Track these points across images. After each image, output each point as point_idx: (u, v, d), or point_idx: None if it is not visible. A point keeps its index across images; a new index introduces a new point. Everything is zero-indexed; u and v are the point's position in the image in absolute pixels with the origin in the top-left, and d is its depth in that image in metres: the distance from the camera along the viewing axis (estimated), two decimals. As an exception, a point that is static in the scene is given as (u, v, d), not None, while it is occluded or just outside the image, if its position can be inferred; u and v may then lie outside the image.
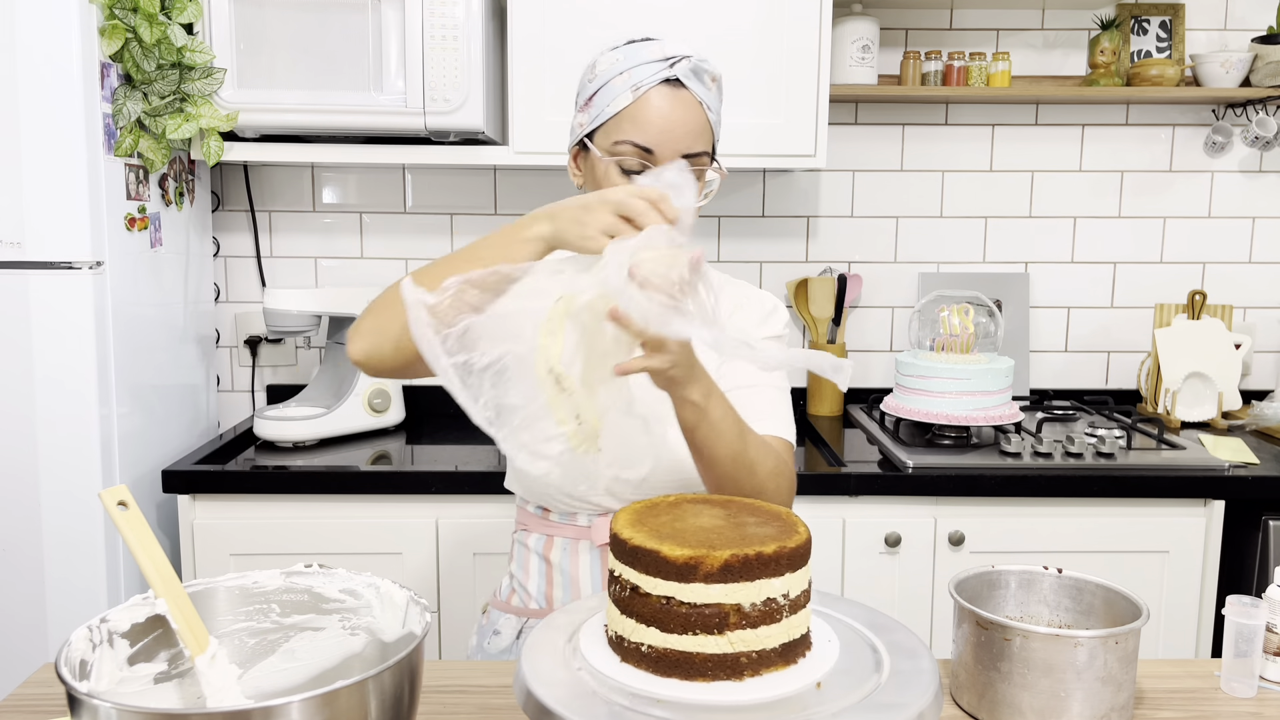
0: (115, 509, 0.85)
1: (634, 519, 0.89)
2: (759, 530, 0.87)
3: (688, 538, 0.84)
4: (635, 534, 0.85)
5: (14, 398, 1.83)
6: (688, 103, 1.15)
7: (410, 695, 0.82)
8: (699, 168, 1.17)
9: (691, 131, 1.15)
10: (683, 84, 1.15)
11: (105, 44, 1.83)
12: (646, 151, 1.15)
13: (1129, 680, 1.00)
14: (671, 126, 1.14)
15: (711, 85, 1.18)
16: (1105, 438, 2.07)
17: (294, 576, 0.97)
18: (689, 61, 1.16)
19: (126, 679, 0.87)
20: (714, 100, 1.18)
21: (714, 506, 0.94)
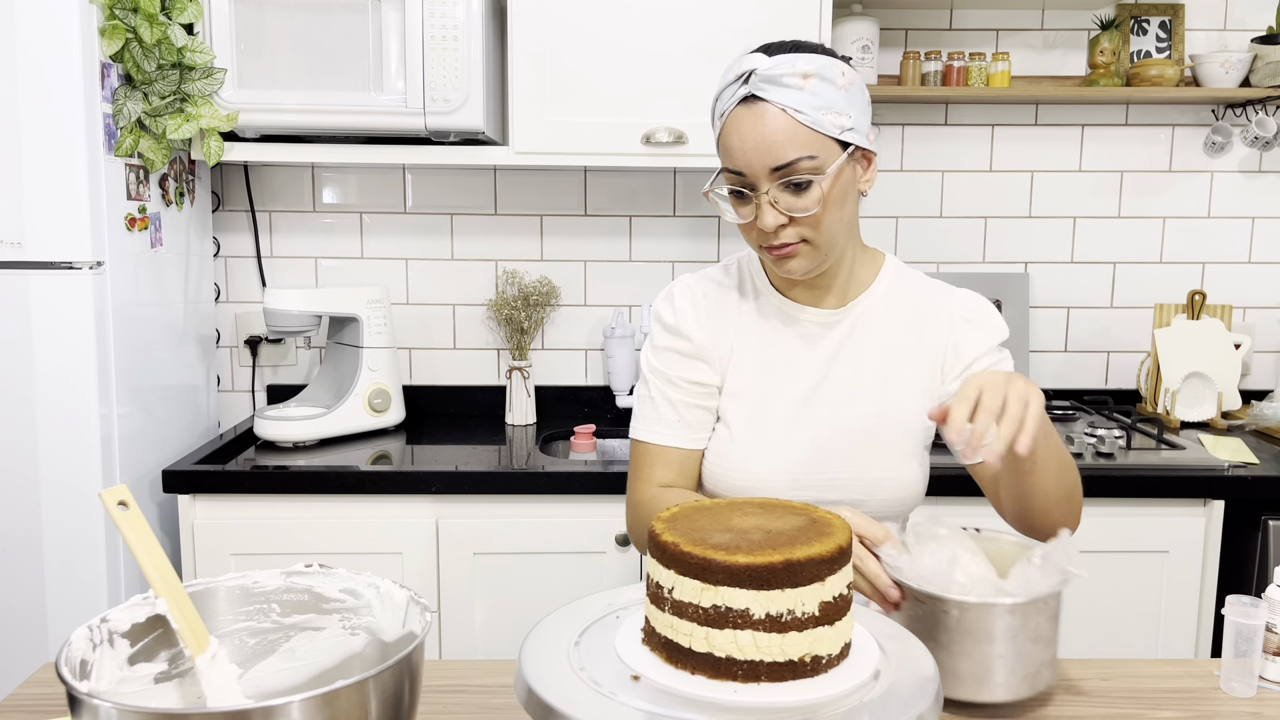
0: (115, 509, 0.85)
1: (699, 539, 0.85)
2: (809, 529, 0.89)
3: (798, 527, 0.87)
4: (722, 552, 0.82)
5: (14, 398, 1.83)
6: (765, 115, 1.13)
7: (410, 695, 0.83)
8: (799, 175, 1.14)
9: (777, 144, 1.13)
10: (759, 97, 1.13)
11: (105, 44, 1.83)
12: (739, 175, 1.17)
13: (1055, 635, 1.03)
14: (753, 145, 1.14)
15: (804, 82, 1.13)
16: (1105, 438, 2.07)
17: (294, 576, 0.97)
18: (759, 72, 1.14)
19: (127, 679, 0.87)
20: (809, 98, 1.13)
21: (753, 508, 0.94)
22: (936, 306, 1.30)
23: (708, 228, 2.49)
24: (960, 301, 1.32)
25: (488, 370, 2.53)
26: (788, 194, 1.15)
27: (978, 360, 1.28)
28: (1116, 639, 2.01)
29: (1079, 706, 1.07)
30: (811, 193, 1.15)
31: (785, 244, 1.18)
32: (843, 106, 1.15)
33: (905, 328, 1.29)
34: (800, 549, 0.82)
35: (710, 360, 1.30)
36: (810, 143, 1.13)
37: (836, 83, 1.15)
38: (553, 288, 2.44)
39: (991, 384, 1.02)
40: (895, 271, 1.33)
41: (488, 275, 2.49)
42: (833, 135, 1.14)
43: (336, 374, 2.29)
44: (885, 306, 1.30)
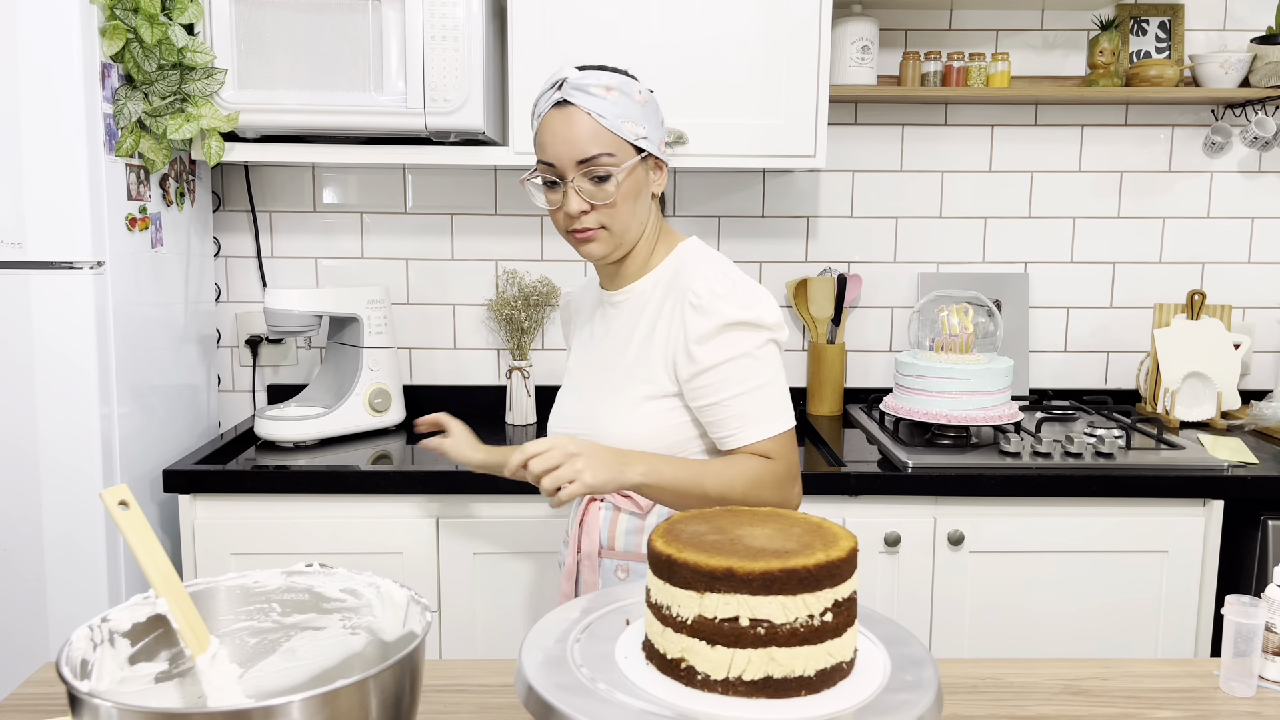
0: (116, 509, 0.85)
1: (755, 552, 0.83)
2: (803, 536, 0.88)
3: (798, 541, 0.85)
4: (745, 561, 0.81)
5: (14, 398, 1.83)
6: (574, 116, 1.31)
7: (410, 695, 0.83)
8: (599, 168, 1.31)
9: (582, 139, 1.31)
10: (569, 101, 1.31)
11: (106, 44, 1.83)
12: (550, 166, 1.34)
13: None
14: (563, 139, 1.31)
15: (607, 94, 1.31)
16: (1104, 437, 2.07)
17: (295, 576, 0.97)
18: (569, 80, 1.32)
19: (127, 678, 0.87)
20: (611, 105, 1.31)
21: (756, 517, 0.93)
22: (681, 290, 1.37)
23: (708, 228, 2.49)
24: (696, 285, 1.35)
25: (488, 370, 2.53)
26: (590, 184, 1.32)
27: (699, 346, 1.33)
28: (1116, 639, 2.01)
29: (1079, 706, 1.07)
30: (609, 184, 1.32)
31: (586, 228, 1.35)
32: (638, 118, 1.34)
33: (657, 309, 1.40)
34: (796, 559, 0.82)
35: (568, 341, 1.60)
36: (610, 142, 1.31)
37: (634, 98, 1.34)
38: (553, 288, 2.44)
39: (556, 447, 1.21)
40: (685, 257, 1.42)
41: (488, 275, 2.49)
42: (628, 139, 1.32)
43: (337, 374, 2.30)
44: (659, 290, 1.41)
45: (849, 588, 0.83)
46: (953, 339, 2.15)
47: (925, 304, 2.39)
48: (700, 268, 1.38)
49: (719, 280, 1.35)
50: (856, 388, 2.55)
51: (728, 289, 1.34)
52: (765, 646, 0.80)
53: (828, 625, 0.81)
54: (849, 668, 0.84)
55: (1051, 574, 1.98)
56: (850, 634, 0.84)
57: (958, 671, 1.14)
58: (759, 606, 0.79)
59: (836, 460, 2.03)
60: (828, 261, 2.52)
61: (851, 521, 1.95)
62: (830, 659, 0.82)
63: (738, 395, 1.32)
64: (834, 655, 0.82)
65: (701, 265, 1.39)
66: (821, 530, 0.88)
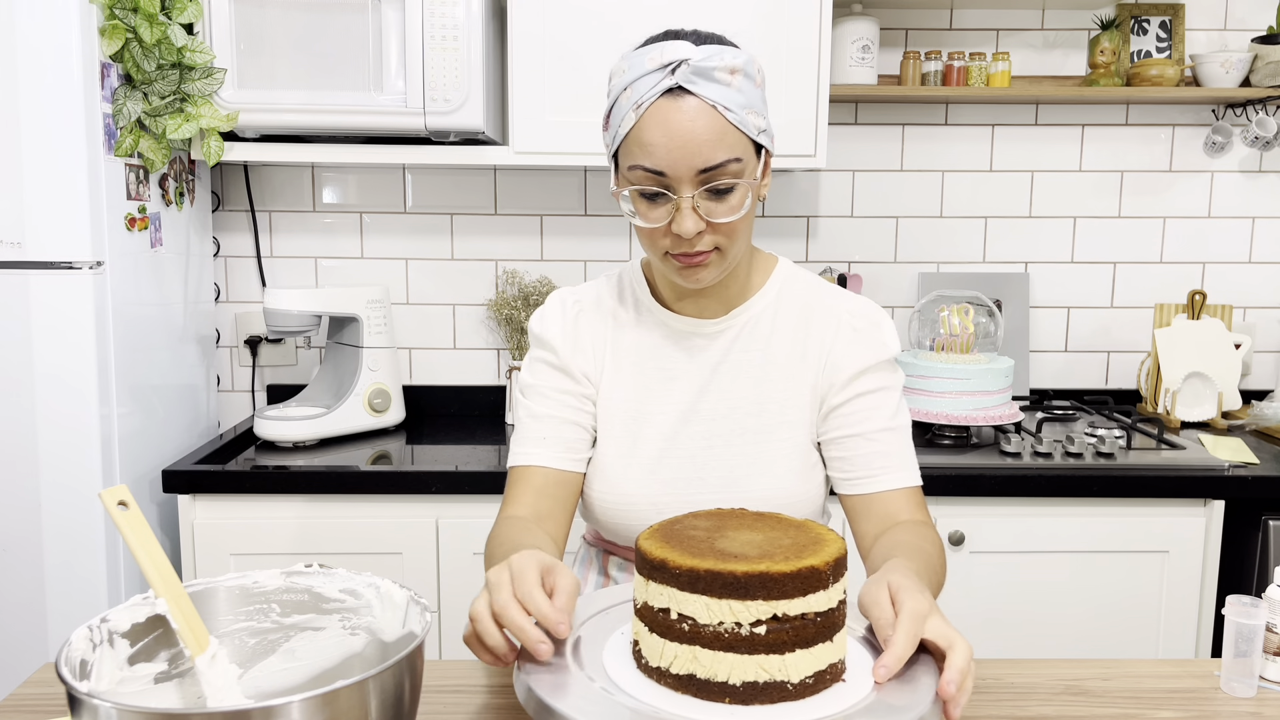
0: (115, 509, 0.85)
1: (720, 555, 0.82)
2: (801, 537, 0.88)
3: (779, 551, 0.83)
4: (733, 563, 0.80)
5: (14, 398, 1.83)
6: (696, 111, 1.04)
7: (411, 695, 0.82)
8: (727, 180, 1.07)
9: (707, 143, 1.04)
10: (687, 90, 1.05)
11: (105, 44, 1.83)
12: (659, 175, 1.06)
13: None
14: (680, 144, 1.04)
15: (732, 78, 1.06)
16: (1105, 438, 2.07)
17: (294, 576, 0.97)
18: (690, 63, 1.04)
19: (127, 679, 0.87)
20: (736, 95, 1.06)
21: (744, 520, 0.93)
22: (825, 311, 1.22)
23: (708, 228, 2.49)
24: (850, 308, 1.22)
25: (488, 370, 2.53)
26: (709, 199, 1.07)
27: (859, 377, 1.19)
28: (1116, 639, 2.01)
29: (1079, 706, 1.07)
30: (733, 198, 1.07)
31: (700, 252, 1.09)
32: (760, 106, 1.10)
33: (792, 334, 1.21)
34: (783, 562, 0.81)
35: (576, 374, 1.22)
36: (737, 144, 1.06)
37: (755, 79, 1.09)
38: (552, 288, 2.44)
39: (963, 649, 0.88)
40: (787, 276, 1.25)
41: (488, 275, 2.49)
42: (752, 136, 1.08)
43: (336, 374, 2.29)
44: (773, 313, 1.22)
45: (801, 607, 0.79)
46: (953, 339, 2.15)
47: (926, 304, 2.39)
48: (829, 287, 1.24)
49: (870, 305, 1.22)
50: (857, 388, 2.54)
51: (882, 315, 1.21)
52: (690, 644, 0.80)
53: (759, 638, 0.79)
54: (798, 690, 0.80)
55: (1052, 574, 1.98)
56: (801, 657, 0.80)
57: (958, 672, 1.14)
58: (685, 602, 0.80)
59: (837, 460, 2.02)
60: (828, 261, 2.52)
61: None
62: (763, 673, 0.79)
63: (889, 429, 1.17)
64: (768, 671, 0.79)
65: (827, 284, 1.25)
66: (805, 546, 0.84)
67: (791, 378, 1.20)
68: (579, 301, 1.26)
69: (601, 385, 1.23)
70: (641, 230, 1.11)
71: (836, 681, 0.83)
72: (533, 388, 1.23)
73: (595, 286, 1.28)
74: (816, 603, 0.80)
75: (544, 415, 1.21)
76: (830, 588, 0.81)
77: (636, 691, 0.82)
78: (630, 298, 1.26)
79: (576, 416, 1.22)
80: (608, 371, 1.23)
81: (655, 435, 1.20)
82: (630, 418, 1.21)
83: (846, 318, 1.20)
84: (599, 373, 1.23)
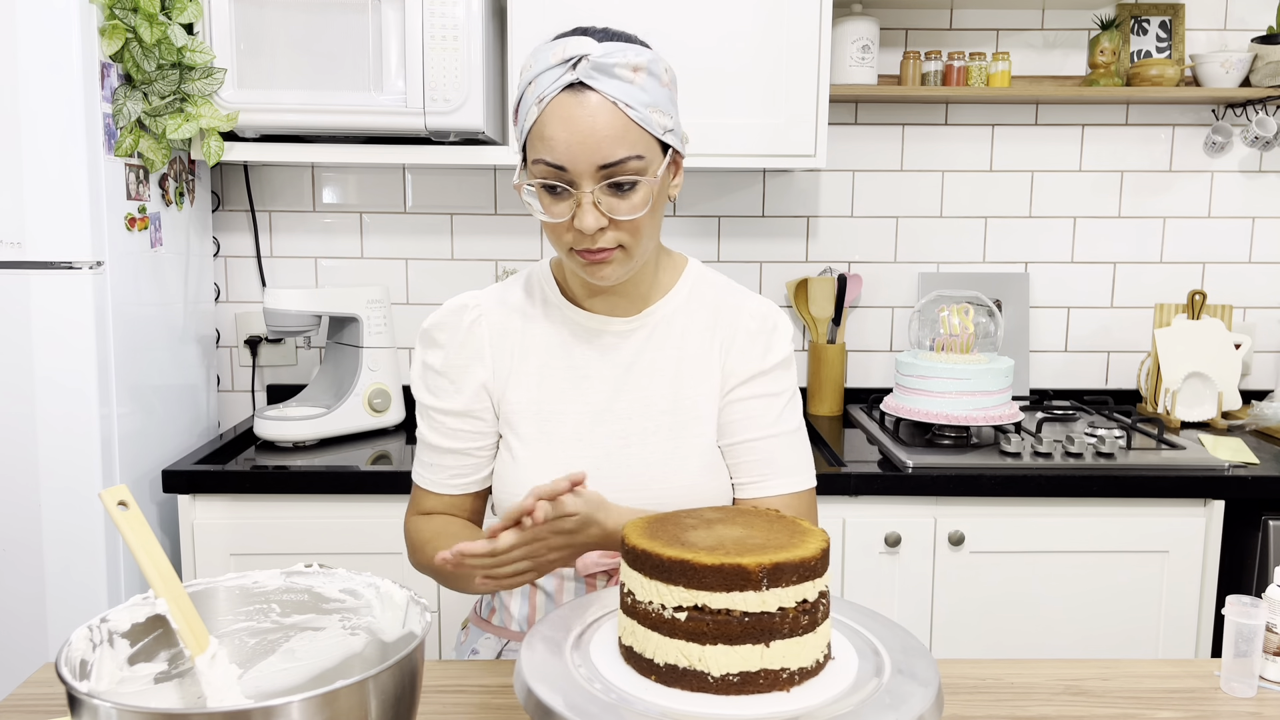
0: (115, 509, 0.85)
1: (669, 539, 0.85)
2: (781, 534, 0.87)
3: (730, 547, 0.83)
4: (702, 554, 0.81)
5: (14, 398, 1.83)
6: (596, 107, 1.04)
7: (410, 695, 0.82)
8: (628, 176, 1.06)
9: (608, 139, 1.04)
10: (588, 86, 1.04)
11: (105, 44, 1.83)
12: (560, 169, 1.06)
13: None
14: (580, 139, 1.04)
15: (634, 75, 1.05)
16: (1105, 438, 2.07)
17: (294, 576, 0.97)
18: (590, 59, 1.04)
19: (127, 679, 0.87)
20: (639, 93, 1.06)
21: (726, 517, 0.93)
22: (729, 311, 1.22)
23: (708, 228, 2.49)
24: (751, 309, 1.22)
25: (488, 370, 2.53)
26: (611, 195, 1.07)
27: (746, 382, 1.20)
28: (1116, 639, 2.01)
29: (1079, 706, 1.07)
30: (636, 195, 1.08)
31: (602, 249, 1.09)
32: (666, 105, 1.09)
33: (703, 333, 1.22)
34: (773, 554, 0.82)
35: (466, 383, 1.22)
36: (639, 142, 1.06)
37: (661, 79, 1.09)
38: (553, 288, 2.44)
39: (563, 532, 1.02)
40: (697, 276, 1.26)
41: (487, 275, 2.49)
42: (657, 135, 1.08)
43: (336, 374, 2.29)
44: (686, 313, 1.22)
45: (724, 602, 0.80)
46: (953, 339, 2.15)
47: (926, 304, 2.39)
48: (736, 288, 1.26)
49: (769, 307, 1.23)
50: (857, 388, 2.54)
51: (780, 319, 1.22)
52: (630, 618, 0.85)
53: (679, 623, 0.81)
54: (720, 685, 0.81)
55: (1052, 574, 1.98)
56: (723, 652, 0.81)
57: (958, 672, 1.14)
58: (629, 578, 0.85)
59: (837, 460, 2.02)
60: (828, 261, 2.52)
61: (852, 522, 1.94)
62: (683, 659, 0.81)
63: (772, 435, 1.19)
64: (687, 658, 0.81)
65: (734, 285, 1.26)
66: (768, 547, 0.83)
67: (703, 376, 1.21)
68: (479, 306, 1.24)
69: (507, 385, 1.22)
70: (547, 226, 1.12)
71: (776, 688, 0.82)
72: (427, 410, 1.26)
73: (499, 288, 1.28)
74: (743, 602, 0.80)
75: (435, 445, 1.26)
76: (763, 591, 0.80)
77: (621, 684, 0.83)
78: (539, 296, 1.25)
79: (467, 444, 1.24)
80: (513, 371, 1.22)
81: (568, 435, 1.19)
82: (540, 416, 1.20)
83: (745, 320, 1.21)
84: (503, 374, 1.22)
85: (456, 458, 1.25)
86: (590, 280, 1.14)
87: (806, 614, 0.82)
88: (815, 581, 0.83)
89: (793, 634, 0.82)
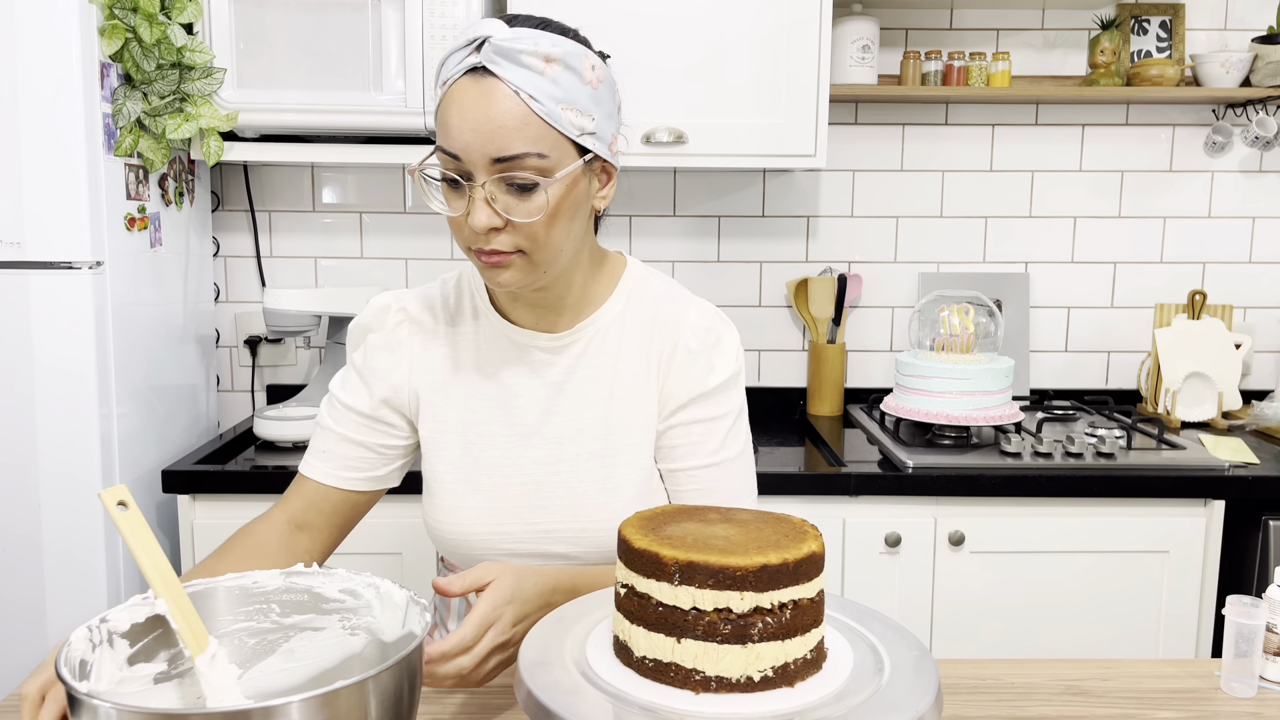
0: (115, 509, 0.85)
1: (670, 542, 0.84)
2: (779, 532, 0.87)
3: (734, 546, 0.83)
4: (699, 555, 0.81)
5: (14, 398, 1.82)
6: (494, 94, 0.95)
7: (410, 695, 0.82)
8: (525, 174, 0.97)
9: (502, 129, 0.95)
10: (490, 71, 0.96)
11: (105, 44, 1.83)
12: (455, 159, 0.98)
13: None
14: (473, 126, 0.96)
15: (546, 66, 0.96)
16: (1105, 438, 2.07)
17: (294, 577, 0.97)
18: (493, 42, 0.95)
19: (126, 679, 0.87)
20: (549, 85, 0.96)
21: (713, 516, 0.93)
22: (667, 324, 1.13)
23: (708, 228, 2.49)
24: (692, 322, 1.13)
25: (488, 370, 2.53)
26: (508, 194, 0.98)
27: (685, 407, 1.12)
28: (1116, 639, 2.00)
29: (1079, 706, 1.07)
30: (535, 198, 0.98)
31: (496, 250, 1.00)
32: (586, 104, 0.99)
33: (637, 349, 1.13)
34: (765, 555, 0.82)
35: (383, 391, 1.15)
36: (542, 138, 0.97)
37: (583, 75, 0.99)
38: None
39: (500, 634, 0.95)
40: (635, 282, 1.16)
41: (488, 275, 2.49)
42: (570, 136, 0.99)
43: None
44: (620, 326, 1.13)
45: (645, 588, 0.82)
46: (953, 339, 2.15)
47: (926, 304, 2.39)
48: (677, 293, 1.16)
49: (712, 316, 1.14)
50: (857, 388, 2.54)
51: (724, 330, 1.14)
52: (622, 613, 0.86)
53: (626, 604, 0.85)
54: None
55: (1052, 574, 1.98)
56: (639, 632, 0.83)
57: (958, 672, 1.14)
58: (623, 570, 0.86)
59: (837, 460, 2.02)
60: (828, 261, 2.52)
61: (852, 522, 1.94)
62: (621, 633, 0.84)
63: (712, 465, 1.13)
64: (622, 633, 0.84)
65: (675, 289, 1.17)
66: (750, 548, 0.83)
67: (637, 398, 1.12)
68: (404, 309, 1.17)
69: (427, 396, 1.15)
70: (449, 222, 1.03)
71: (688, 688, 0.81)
72: (333, 399, 1.19)
73: (426, 292, 1.19)
74: (659, 591, 0.81)
75: (329, 429, 1.17)
76: (677, 586, 0.80)
77: (621, 683, 0.83)
78: (468, 303, 1.17)
79: (365, 436, 1.16)
80: (435, 386, 1.15)
81: (495, 458, 1.13)
82: (466, 438, 1.14)
83: (686, 335, 1.12)
84: (423, 384, 1.15)
85: (356, 449, 1.17)
86: (489, 284, 1.06)
87: (729, 622, 0.80)
88: (744, 594, 0.80)
89: (708, 638, 0.80)
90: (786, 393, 2.53)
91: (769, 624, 0.80)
